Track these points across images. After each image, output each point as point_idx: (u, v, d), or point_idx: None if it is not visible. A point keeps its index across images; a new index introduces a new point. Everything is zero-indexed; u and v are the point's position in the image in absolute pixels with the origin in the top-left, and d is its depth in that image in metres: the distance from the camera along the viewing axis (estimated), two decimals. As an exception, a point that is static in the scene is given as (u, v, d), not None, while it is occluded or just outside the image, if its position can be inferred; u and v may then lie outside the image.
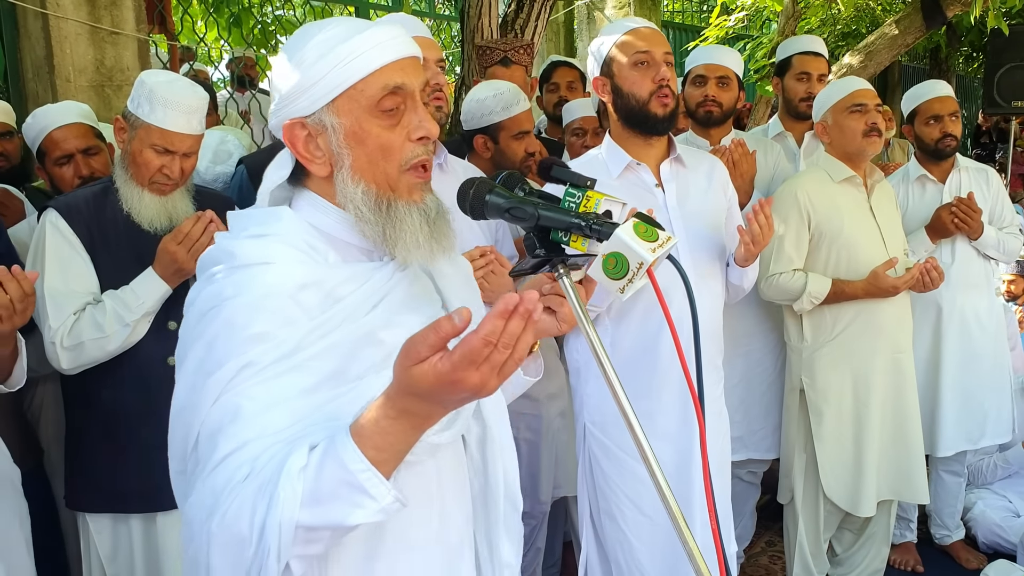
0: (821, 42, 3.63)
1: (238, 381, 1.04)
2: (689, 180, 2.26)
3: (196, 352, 1.09)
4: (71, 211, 2.10)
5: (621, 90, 2.14)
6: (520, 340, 0.88)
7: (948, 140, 3.17)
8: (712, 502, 1.19)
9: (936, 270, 2.78)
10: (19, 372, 1.93)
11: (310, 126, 1.15)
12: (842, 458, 2.86)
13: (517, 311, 0.86)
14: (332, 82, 1.13)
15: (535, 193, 1.19)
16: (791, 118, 3.47)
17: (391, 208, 1.16)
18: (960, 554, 3.44)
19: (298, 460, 0.95)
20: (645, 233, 1.12)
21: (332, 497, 0.94)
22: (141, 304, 2.05)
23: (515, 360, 0.89)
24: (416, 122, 1.16)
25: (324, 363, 1.08)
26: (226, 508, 0.97)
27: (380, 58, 1.13)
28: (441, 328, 0.86)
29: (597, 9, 6.01)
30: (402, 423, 0.94)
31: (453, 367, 0.87)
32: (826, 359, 2.85)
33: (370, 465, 0.93)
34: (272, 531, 0.94)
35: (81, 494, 2.18)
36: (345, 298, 1.13)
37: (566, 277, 1.17)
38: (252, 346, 1.05)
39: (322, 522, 0.95)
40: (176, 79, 2.11)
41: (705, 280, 2.23)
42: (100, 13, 3.34)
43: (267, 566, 0.95)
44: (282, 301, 1.08)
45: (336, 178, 1.17)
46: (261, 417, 1.02)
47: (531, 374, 1.41)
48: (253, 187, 2.48)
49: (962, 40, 8.66)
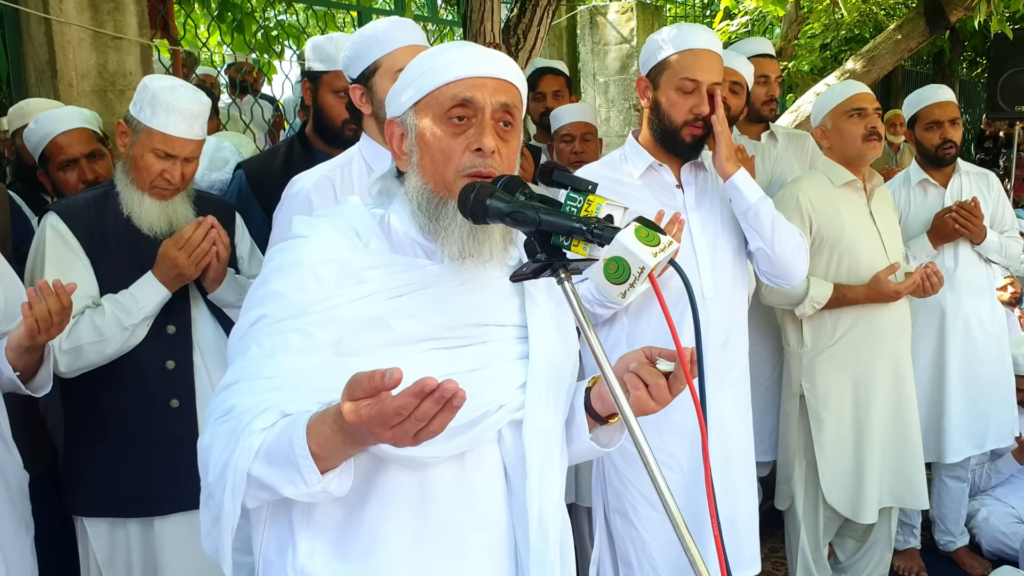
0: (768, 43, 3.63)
1: (256, 328, 1.21)
2: (709, 182, 2.28)
3: (249, 294, 1.28)
4: (71, 214, 2.09)
5: (660, 106, 2.16)
6: (435, 419, 0.97)
7: (948, 147, 3.16)
8: (713, 501, 1.19)
9: (936, 275, 2.77)
10: (44, 376, 1.92)
11: (400, 125, 1.29)
12: (843, 464, 2.84)
13: (432, 395, 0.95)
14: (418, 87, 1.26)
15: (536, 197, 1.18)
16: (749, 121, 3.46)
17: (441, 205, 1.24)
18: (964, 560, 3.43)
19: (262, 422, 1.11)
20: (646, 238, 1.11)
21: (277, 465, 1.09)
22: (141, 308, 2.04)
23: (431, 431, 0.99)
24: (476, 135, 1.23)
25: (323, 331, 1.19)
26: (211, 431, 1.15)
27: (460, 72, 1.24)
28: (374, 379, 0.97)
29: (600, 14, 6.01)
30: (339, 437, 1.04)
31: (369, 419, 0.98)
32: (826, 364, 2.84)
33: (309, 454, 1.05)
34: (231, 470, 1.10)
35: (78, 498, 2.17)
36: (368, 282, 1.22)
37: (567, 282, 1.16)
38: (271, 301, 1.21)
39: (266, 480, 1.10)
40: (179, 84, 2.11)
41: (724, 281, 2.23)
42: (103, 18, 3.34)
43: (224, 501, 1.11)
44: (301, 270, 1.22)
45: (409, 173, 1.29)
46: (259, 361, 1.18)
47: (604, 444, 1.40)
48: (253, 191, 2.47)
49: (965, 45, 8.66)
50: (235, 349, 1.24)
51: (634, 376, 1.23)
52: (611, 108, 6.06)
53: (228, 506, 1.12)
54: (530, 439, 1.26)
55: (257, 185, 2.49)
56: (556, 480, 1.30)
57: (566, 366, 1.37)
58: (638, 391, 1.22)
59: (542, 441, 1.28)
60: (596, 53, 6.14)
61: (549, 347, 1.31)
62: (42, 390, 1.93)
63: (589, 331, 1.14)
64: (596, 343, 1.14)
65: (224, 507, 1.12)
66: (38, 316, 1.73)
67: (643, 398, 1.22)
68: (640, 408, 1.21)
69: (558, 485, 1.31)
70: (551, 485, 1.29)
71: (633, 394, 1.22)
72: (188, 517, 2.12)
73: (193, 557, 2.09)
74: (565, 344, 1.37)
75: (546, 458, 1.28)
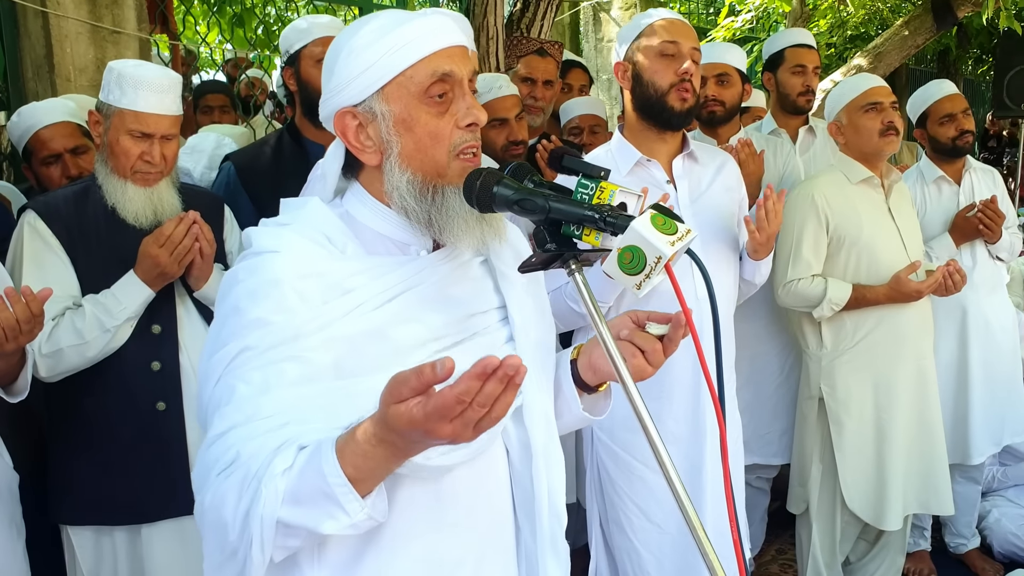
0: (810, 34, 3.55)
1: (238, 363, 1.07)
2: (702, 177, 2.22)
3: (214, 327, 1.14)
4: (49, 211, 2.01)
5: (642, 78, 2.09)
6: (498, 401, 0.88)
7: (965, 137, 3.14)
8: (733, 509, 1.13)
9: (959, 273, 2.71)
10: (23, 382, 1.86)
11: (360, 115, 1.16)
12: (865, 470, 2.77)
13: (495, 374, 0.86)
14: (382, 69, 1.13)
15: (545, 184, 1.13)
16: (785, 113, 3.36)
17: (437, 194, 1.15)
18: (976, 563, 3.39)
19: (283, 461, 0.98)
20: (663, 226, 1.05)
21: (310, 502, 0.97)
22: (123, 309, 1.96)
23: (492, 418, 0.90)
24: (464, 109, 1.16)
25: (323, 355, 1.08)
26: (216, 488, 1.01)
27: (429, 45, 1.13)
28: (423, 374, 0.87)
29: (603, 10, 5.97)
30: (381, 451, 0.94)
31: (426, 416, 0.88)
32: (847, 367, 2.76)
33: (347, 481, 0.95)
34: (255, 522, 0.97)
35: (62, 506, 2.09)
36: (354, 290, 1.12)
37: (578, 273, 1.11)
38: (251, 331, 1.08)
39: (299, 522, 0.98)
40: (144, 63, 2.05)
41: (717, 278, 2.16)
42: (101, 12, 3.31)
43: (251, 556, 0.99)
44: (281, 289, 1.09)
45: (384, 166, 1.17)
46: (254, 401, 1.04)
47: (596, 413, 1.37)
48: (242, 183, 2.40)
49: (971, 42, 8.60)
50: (214, 393, 1.08)
51: (629, 344, 1.21)
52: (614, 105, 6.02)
53: (257, 559, 0.99)
54: (532, 423, 1.23)
55: (247, 177, 2.41)
56: (560, 460, 1.27)
57: (549, 341, 1.33)
58: (635, 359, 1.20)
59: (544, 423, 1.25)
60: (599, 50, 6.11)
61: (532, 326, 1.27)
62: (20, 395, 1.87)
63: (601, 325, 1.09)
64: (608, 337, 1.08)
65: (252, 561, 1.00)
66: (4, 325, 1.66)
67: (640, 365, 1.21)
68: (638, 374, 1.20)
69: (563, 465, 1.28)
70: (558, 466, 1.26)
71: (631, 362, 1.20)
72: (177, 524, 2.06)
73: (182, 565, 2.05)
74: (545, 319, 1.34)
75: (549, 439, 1.26)
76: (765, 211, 2.13)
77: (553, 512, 1.24)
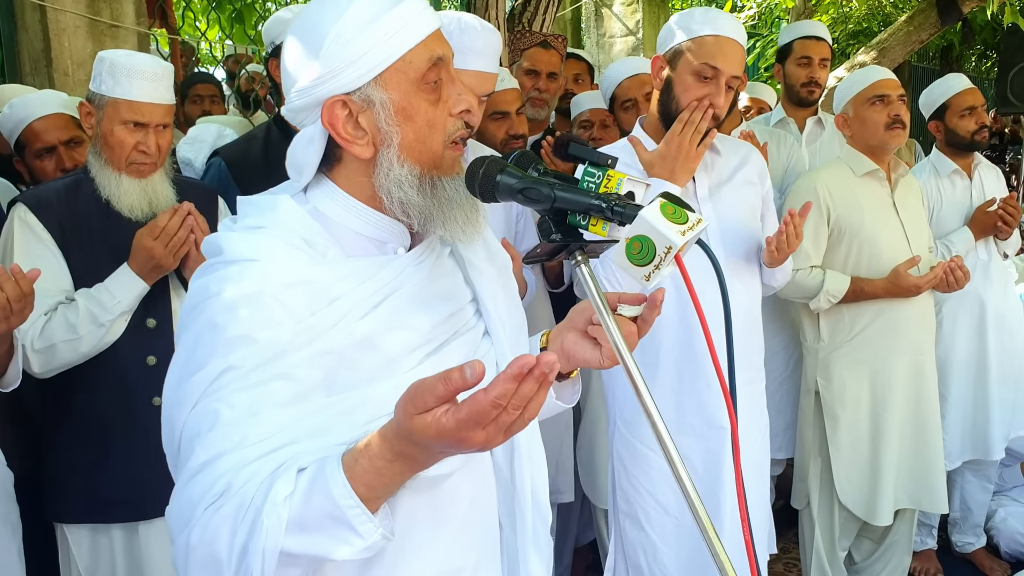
0: (823, 26, 3.57)
1: (219, 385, 0.98)
2: (723, 170, 2.17)
3: (184, 346, 1.04)
4: (41, 204, 1.98)
5: (671, 88, 2.04)
6: (532, 402, 0.83)
7: (984, 131, 3.16)
8: (744, 504, 1.09)
9: (961, 269, 2.69)
10: (14, 372, 1.83)
11: (353, 104, 1.06)
12: (858, 464, 2.76)
13: (532, 374, 0.81)
14: (381, 54, 1.05)
15: (551, 173, 1.09)
16: (793, 104, 3.42)
17: (436, 187, 1.09)
18: (983, 562, 3.38)
19: (284, 487, 0.90)
20: (673, 215, 1.01)
21: (317, 528, 0.90)
22: (117, 303, 1.93)
23: (524, 421, 0.85)
24: (456, 95, 1.10)
25: (312, 371, 1.01)
26: (205, 523, 0.92)
27: (424, 28, 1.07)
28: (451, 380, 0.81)
29: (605, 6, 5.94)
30: (398, 465, 0.89)
31: (458, 425, 0.82)
32: (843, 360, 2.75)
33: (359, 502, 0.89)
34: (255, 556, 0.90)
35: (58, 504, 2.05)
36: (340, 298, 1.04)
37: (584, 265, 1.07)
38: (234, 349, 0.98)
39: (305, 551, 0.91)
40: (135, 52, 2.01)
41: (739, 274, 2.14)
42: (99, 6, 3.29)
43: None
44: (265, 301, 1.00)
45: (380, 158, 1.08)
46: (241, 426, 0.96)
47: (567, 401, 1.32)
48: (233, 178, 2.37)
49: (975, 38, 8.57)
50: (190, 420, 0.98)
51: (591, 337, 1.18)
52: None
53: None
54: None
55: (237, 171, 2.38)
56: (543, 456, 1.24)
57: (522, 332, 1.29)
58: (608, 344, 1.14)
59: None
60: (601, 46, 6.07)
61: (506, 317, 1.23)
62: (11, 385, 1.84)
63: (608, 319, 1.05)
64: (616, 333, 1.04)
65: None
66: None
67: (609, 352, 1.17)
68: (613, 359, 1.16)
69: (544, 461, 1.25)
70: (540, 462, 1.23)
71: (605, 347, 1.17)
72: (175, 521, 2.03)
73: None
74: (517, 308, 1.29)
75: (532, 435, 1.22)
76: (786, 235, 2.10)
77: (537, 509, 1.21)
